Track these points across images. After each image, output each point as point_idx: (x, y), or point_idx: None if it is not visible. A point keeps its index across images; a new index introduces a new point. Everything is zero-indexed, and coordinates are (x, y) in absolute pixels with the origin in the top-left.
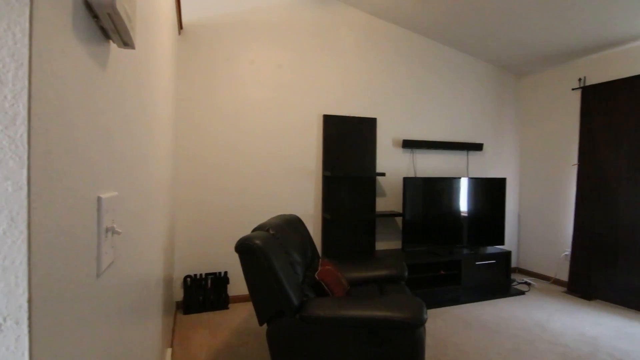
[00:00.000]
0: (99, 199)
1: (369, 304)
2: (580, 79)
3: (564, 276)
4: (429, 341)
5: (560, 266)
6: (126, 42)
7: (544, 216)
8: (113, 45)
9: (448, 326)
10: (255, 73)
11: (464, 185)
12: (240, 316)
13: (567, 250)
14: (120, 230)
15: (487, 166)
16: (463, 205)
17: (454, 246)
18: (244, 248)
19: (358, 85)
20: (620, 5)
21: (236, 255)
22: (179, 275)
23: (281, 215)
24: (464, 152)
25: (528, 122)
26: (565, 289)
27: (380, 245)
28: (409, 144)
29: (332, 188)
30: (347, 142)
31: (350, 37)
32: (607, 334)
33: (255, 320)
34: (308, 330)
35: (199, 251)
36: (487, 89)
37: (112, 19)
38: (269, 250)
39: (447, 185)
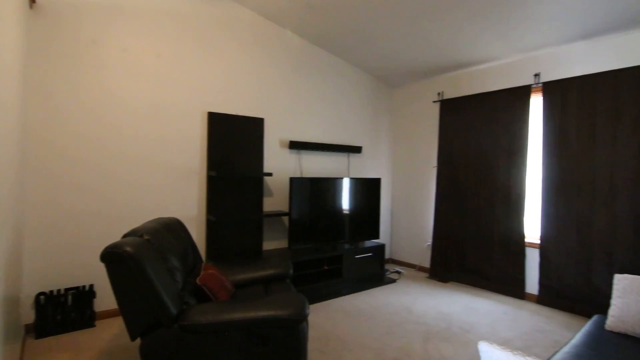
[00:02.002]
0: None
1: (252, 305)
2: (439, 93)
3: (427, 263)
4: (312, 334)
5: (424, 255)
6: None
7: (411, 212)
8: None
9: (330, 318)
10: (129, 62)
11: (345, 184)
12: (110, 333)
13: (429, 240)
14: None
15: (365, 167)
16: (345, 203)
17: (337, 242)
18: (112, 257)
19: (246, 85)
20: (468, 34)
21: (103, 265)
22: (29, 293)
23: (159, 219)
24: (346, 154)
25: (399, 128)
26: (427, 274)
27: (268, 245)
28: (296, 145)
29: (217, 188)
30: (234, 142)
31: (295, 40)
32: (459, 310)
33: (127, 335)
34: (189, 340)
35: (56, 263)
36: (366, 97)
37: None
38: (141, 257)
39: (330, 185)
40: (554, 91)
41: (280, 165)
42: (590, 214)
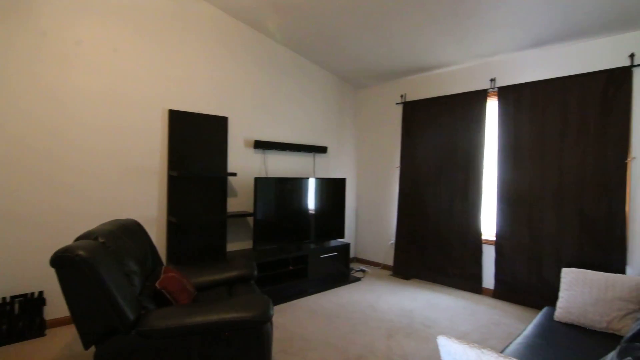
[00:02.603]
0: None
1: (215, 307)
2: (402, 95)
3: (390, 261)
4: (277, 335)
5: (387, 253)
6: None
7: (375, 211)
8: None
9: (295, 318)
10: (84, 55)
11: (311, 185)
12: (62, 342)
13: (393, 239)
14: None
15: (330, 167)
16: (310, 203)
17: (302, 242)
18: (63, 261)
19: (209, 82)
20: (429, 39)
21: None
22: None
23: (115, 221)
24: (311, 154)
25: (364, 129)
26: (391, 272)
27: (232, 247)
28: (261, 145)
29: (179, 189)
30: (196, 141)
31: (267, 38)
32: (420, 306)
33: (80, 344)
34: (147, 346)
35: (1, 268)
36: (331, 97)
37: None
38: (96, 261)
39: (296, 185)
40: (508, 96)
41: (244, 165)
42: (540, 213)
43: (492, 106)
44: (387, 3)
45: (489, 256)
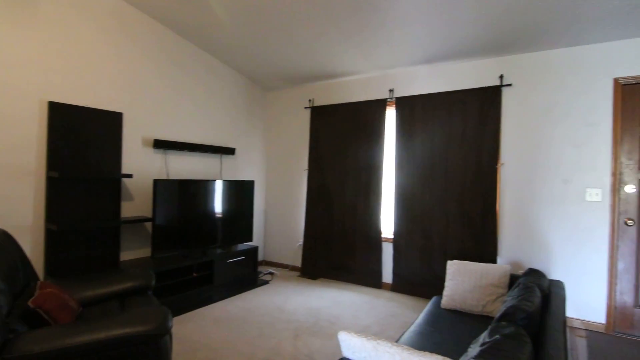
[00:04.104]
0: None
1: (103, 324)
2: (310, 100)
3: (299, 263)
4: (179, 347)
5: (295, 255)
6: None
7: (284, 213)
8: None
9: (199, 327)
10: None
11: (218, 187)
12: None
13: (301, 240)
14: None
15: (238, 169)
16: (217, 206)
17: (208, 247)
18: None
19: (100, 73)
20: (336, 48)
21: None
22: None
23: None
24: (218, 156)
25: (273, 131)
26: (299, 273)
27: (128, 255)
28: (161, 144)
29: (61, 192)
30: (84, 138)
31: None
32: (326, 304)
33: None
34: None
35: None
36: (239, 98)
37: None
38: None
39: (201, 188)
40: (404, 106)
41: (143, 166)
42: (431, 213)
43: (391, 114)
44: (295, 8)
45: (387, 253)
